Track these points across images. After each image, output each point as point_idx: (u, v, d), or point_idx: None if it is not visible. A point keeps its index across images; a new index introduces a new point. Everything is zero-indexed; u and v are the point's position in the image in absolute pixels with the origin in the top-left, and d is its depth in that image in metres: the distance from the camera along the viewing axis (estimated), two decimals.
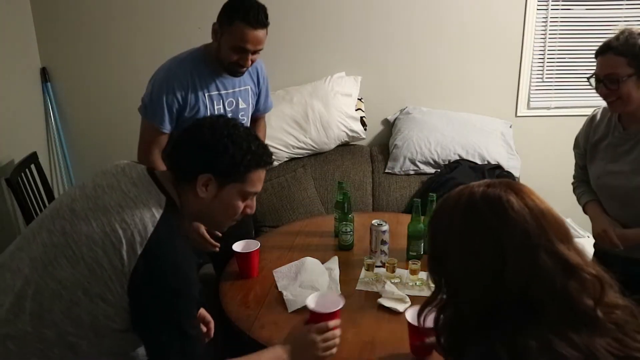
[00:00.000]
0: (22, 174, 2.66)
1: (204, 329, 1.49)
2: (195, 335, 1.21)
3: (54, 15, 3.08)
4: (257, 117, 2.31)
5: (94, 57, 3.13)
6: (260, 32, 1.88)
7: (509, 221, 0.91)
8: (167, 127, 2.00)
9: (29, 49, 3.06)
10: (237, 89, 2.10)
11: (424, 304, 1.05)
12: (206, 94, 2.02)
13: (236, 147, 1.25)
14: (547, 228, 0.91)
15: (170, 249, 1.17)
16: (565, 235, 0.93)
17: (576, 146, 2.03)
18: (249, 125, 2.24)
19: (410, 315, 1.43)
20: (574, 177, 2.10)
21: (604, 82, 1.69)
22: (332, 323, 1.34)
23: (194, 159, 1.25)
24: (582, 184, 2.00)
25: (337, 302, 1.42)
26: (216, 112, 2.05)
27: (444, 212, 1.01)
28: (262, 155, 1.30)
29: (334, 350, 1.34)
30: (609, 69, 1.67)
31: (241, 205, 1.32)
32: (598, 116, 1.92)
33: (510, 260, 0.90)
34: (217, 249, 1.97)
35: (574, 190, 2.07)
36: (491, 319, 0.91)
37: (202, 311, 1.52)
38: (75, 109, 3.22)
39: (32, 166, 2.81)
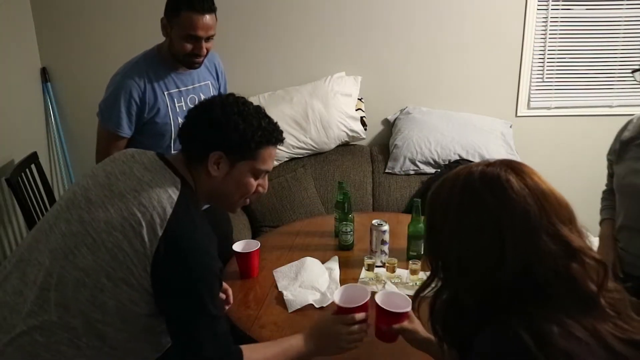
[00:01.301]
0: (22, 174, 2.66)
1: (223, 296, 1.52)
2: (219, 314, 1.21)
3: (54, 15, 3.08)
4: None
5: (94, 57, 3.13)
6: (208, 17, 1.88)
7: (508, 202, 0.88)
8: (125, 131, 2.00)
9: (29, 49, 3.06)
10: (197, 85, 2.10)
11: (420, 288, 1.03)
12: (165, 93, 2.03)
13: (246, 123, 1.25)
14: (549, 209, 0.88)
15: (190, 229, 1.18)
16: (568, 217, 0.90)
17: (609, 152, 1.96)
18: None
19: (380, 298, 1.39)
20: (606, 185, 2.06)
21: None
22: (359, 316, 1.34)
23: (205, 137, 1.25)
24: (610, 196, 1.95)
25: (363, 295, 1.38)
26: (178, 110, 2.06)
27: (441, 191, 0.96)
28: (273, 132, 1.31)
29: (359, 343, 1.34)
30: None
31: (254, 183, 1.32)
32: (635, 118, 1.85)
33: (509, 242, 0.86)
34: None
35: (601, 201, 2.03)
36: (493, 303, 0.88)
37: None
38: (75, 109, 3.22)
39: (32, 166, 2.81)
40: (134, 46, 3.29)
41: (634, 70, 1.71)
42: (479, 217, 0.90)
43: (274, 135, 1.31)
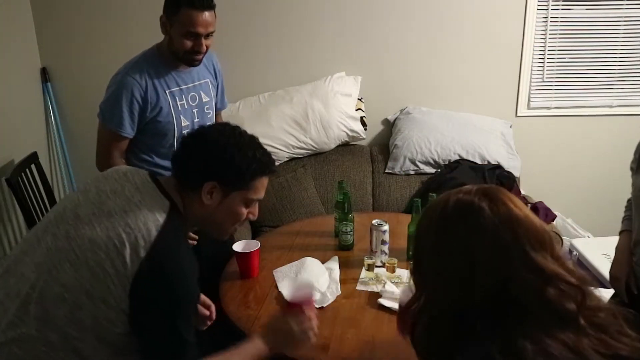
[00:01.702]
0: (22, 174, 2.66)
1: (206, 312, 1.52)
2: (190, 340, 1.21)
3: (54, 15, 3.08)
4: (215, 114, 2.30)
5: (94, 57, 3.12)
6: (208, 14, 1.88)
7: (478, 229, 0.90)
8: (127, 131, 2.00)
9: (29, 49, 3.06)
10: (197, 83, 2.10)
11: (404, 308, 1.06)
12: (167, 92, 2.03)
13: (242, 155, 1.27)
14: (522, 236, 0.89)
15: (174, 254, 1.19)
16: (542, 243, 0.90)
17: (632, 161, 1.90)
18: (214, 119, 2.24)
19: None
20: (631, 194, 1.98)
21: None
22: (307, 311, 1.34)
23: (200, 167, 1.26)
24: (632, 206, 1.89)
25: (309, 292, 1.44)
26: (180, 108, 2.06)
27: (425, 216, 1.00)
28: (267, 163, 1.33)
29: (312, 336, 1.33)
30: None
31: (244, 211, 1.34)
32: None
33: (479, 269, 0.89)
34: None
35: (624, 209, 1.95)
36: (469, 324, 0.90)
37: (202, 296, 1.52)
38: (75, 109, 3.22)
39: (32, 166, 2.81)
40: (134, 46, 3.29)
41: None
42: (450, 243, 0.93)
43: (269, 166, 1.33)
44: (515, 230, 0.89)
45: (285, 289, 1.48)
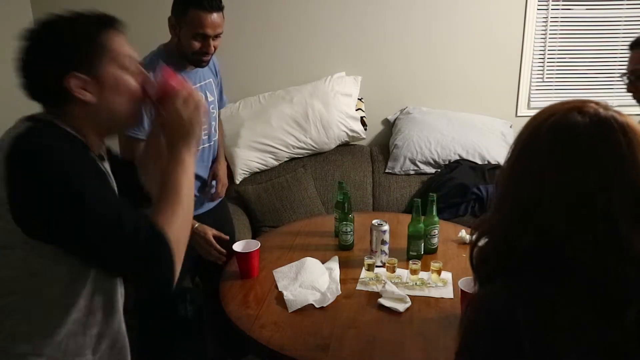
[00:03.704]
0: None
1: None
2: (114, 201, 1.04)
3: None
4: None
5: None
6: (216, 15, 1.88)
7: (572, 161, 0.75)
8: (146, 132, 1.96)
9: None
10: (202, 83, 2.09)
11: (478, 222, 0.89)
12: None
13: (69, 32, 1.10)
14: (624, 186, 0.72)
15: (39, 139, 1.01)
16: None
17: None
18: (218, 118, 2.23)
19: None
20: None
21: (630, 78, 1.61)
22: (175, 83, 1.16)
23: (44, 69, 1.11)
24: None
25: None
26: None
27: (525, 127, 0.84)
28: (102, 15, 1.13)
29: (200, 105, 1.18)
30: (636, 64, 1.59)
31: (130, 79, 1.11)
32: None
33: (544, 208, 0.75)
34: (224, 260, 1.97)
35: None
36: (510, 263, 0.78)
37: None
38: None
39: None
40: (134, 46, 3.27)
41: (622, 75, 1.68)
42: (526, 164, 0.80)
43: (107, 17, 1.13)
44: (624, 175, 0.72)
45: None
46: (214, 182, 2.19)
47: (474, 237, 0.86)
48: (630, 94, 1.66)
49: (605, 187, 0.73)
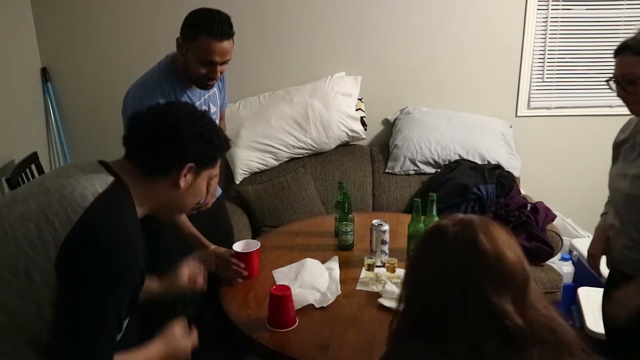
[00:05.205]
0: (23, 174, 2.66)
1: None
2: (111, 336, 1.10)
3: (54, 15, 3.08)
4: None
5: (94, 57, 3.13)
6: (226, 43, 1.81)
7: (446, 251, 0.96)
8: None
9: (29, 49, 3.06)
10: (205, 97, 2.04)
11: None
12: None
13: (212, 132, 1.25)
14: (482, 271, 0.92)
15: (112, 218, 1.09)
16: (503, 283, 0.92)
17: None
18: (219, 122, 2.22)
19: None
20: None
21: (621, 83, 1.62)
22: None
23: (179, 149, 1.19)
24: None
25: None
26: None
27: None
28: (225, 138, 1.32)
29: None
30: (625, 69, 1.60)
31: (205, 189, 1.31)
32: (633, 119, 1.79)
33: (443, 286, 0.95)
34: (245, 274, 1.89)
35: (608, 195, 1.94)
36: (429, 327, 0.96)
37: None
38: (75, 109, 3.22)
39: (33, 166, 2.81)
40: (134, 46, 3.29)
41: (608, 80, 1.68)
42: (424, 258, 1.01)
43: (228, 144, 1.33)
44: (477, 263, 0.93)
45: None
46: None
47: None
48: (619, 98, 1.66)
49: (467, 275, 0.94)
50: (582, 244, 2.82)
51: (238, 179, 2.98)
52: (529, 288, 0.95)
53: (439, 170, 3.02)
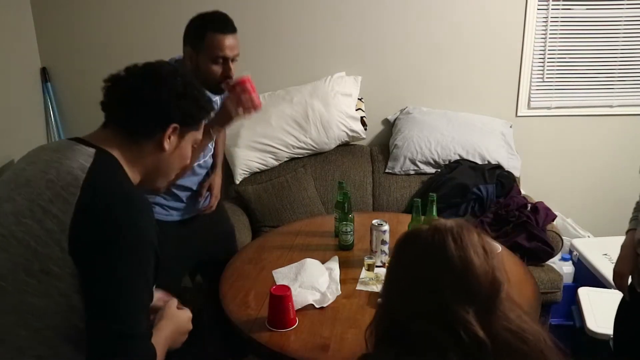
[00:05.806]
0: None
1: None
2: (145, 296, 1.07)
3: (54, 15, 3.07)
4: None
5: (94, 57, 3.12)
6: (232, 37, 1.85)
7: (417, 259, 0.95)
8: None
9: (29, 49, 3.06)
10: (214, 100, 2.04)
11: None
12: None
13: (196, 91, 1.20)
14: (446, 279, 0.91)
15: (112, 185, 1.06)
16: (468, 293, 0.91)
17: None
18: None
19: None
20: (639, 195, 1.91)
21: None
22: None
23: (162, 109, 1.14)
24: None
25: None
26: None
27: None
28: (210, 102, 1.26)
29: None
30: None
31: (190, 155, 1.24)
32: None
33: (413, 295, 0.95)
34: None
35: (633, 210, 1.88)
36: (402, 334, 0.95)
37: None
38: (75, 109, 3.22)
39: None
40: (134, 46, 3.29)
41: None
42: (397, 266, 1.01)
43: (212, 107, 1.27)
44: (442, 269, 0.92)
45: None
46: (207, 194, 2.14)
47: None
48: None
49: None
50: (582, 244, 2.82)
51: (238, 179, 2.98)
52: (498, 298, 0.92)
53: (439, 170, 3.02)
